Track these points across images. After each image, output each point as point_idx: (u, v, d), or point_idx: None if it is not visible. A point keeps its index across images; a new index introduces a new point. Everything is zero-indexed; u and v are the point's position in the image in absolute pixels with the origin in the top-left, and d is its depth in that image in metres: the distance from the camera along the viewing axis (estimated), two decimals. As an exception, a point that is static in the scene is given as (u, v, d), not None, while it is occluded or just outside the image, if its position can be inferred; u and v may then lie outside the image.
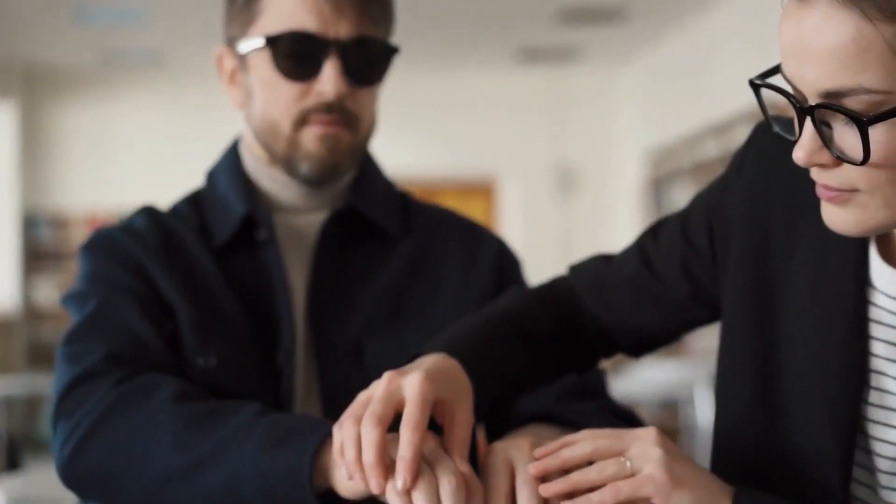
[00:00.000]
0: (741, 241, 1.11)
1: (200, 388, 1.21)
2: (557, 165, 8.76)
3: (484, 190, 8.92)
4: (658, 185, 7.79)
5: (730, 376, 1.12)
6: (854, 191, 0.89)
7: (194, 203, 1.41)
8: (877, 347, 1.00)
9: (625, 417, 1.32)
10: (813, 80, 0.86)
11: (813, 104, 0.87)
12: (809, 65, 0.86)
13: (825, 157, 0.89)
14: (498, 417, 1.29)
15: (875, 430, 1.00)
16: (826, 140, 0.88)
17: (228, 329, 1.30)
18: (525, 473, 1.00)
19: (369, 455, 0.96)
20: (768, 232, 1.09)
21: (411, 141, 8.18)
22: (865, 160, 0.85)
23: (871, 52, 0.82)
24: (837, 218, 0.92)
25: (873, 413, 1.00)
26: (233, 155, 1.43)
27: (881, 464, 1.00)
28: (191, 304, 1.29)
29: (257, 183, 1.40)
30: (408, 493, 0.95)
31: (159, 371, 1.22)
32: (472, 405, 1.05)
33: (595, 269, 1.26)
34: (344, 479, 1.03)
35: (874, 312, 1.00)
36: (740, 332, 1.11)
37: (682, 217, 1.21)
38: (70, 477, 1.17)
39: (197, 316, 1.29)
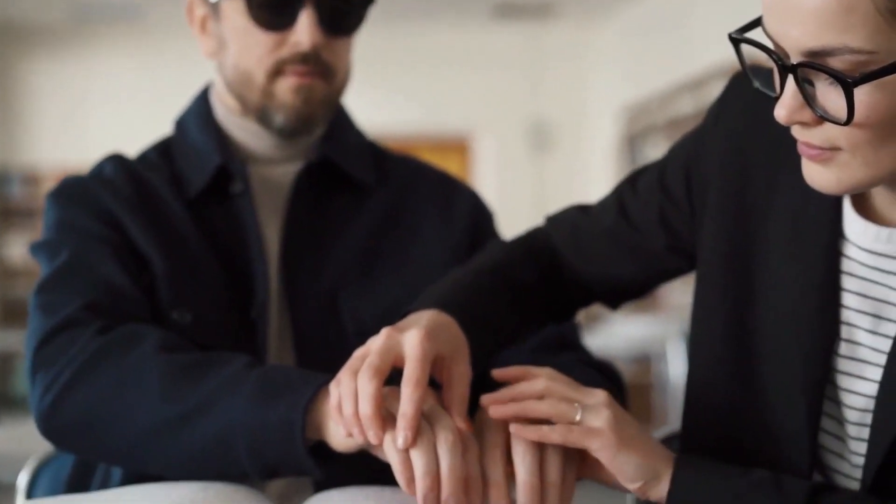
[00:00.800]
0: (718, 193, 1.12)
1: (184, 339, 1.19)
2: (533, 122, 8.73)
3: (459, 146, 8.89)
4: (633, 141, 7.79)
5: (704, 327, 1.13)
6: (835, 149, 0.89)
7: (164, 151, 1.39)
8: (848, 299, 1.01)
9: (603, 370, 1.33)
10: (796, 39, 0.85)
11: (796, 62, 0.86)
12: (793, 23, 0.85)
13: (807, 115, 0.88)
14: (483, 374, 1.30)
15: (844, 382, 1.01)
16: (808, 98, 0.87)
17: (203, 283, 1.29)
18: (493, 413, 1.01)
19: (366, 407, 0.95)
20: (746, 184, 1.09)
21: (387, 98, 8.13)
22: (849, 121, 0.85)
23: (857, 11, 0.81)
24: (819, 176, 0.92)
25: (843, 364, 1.01)
26: (203, 103, 1.41)
27: (850, 415, 1.01)
28: (165, 257, 1.27)
29: (229, 133, 1.38)
30: (406, 449, 0.95)
31: (139, 323, 1.20)
32: (469, 361, 1.05)
33: (572, 220, 1.26)
34: (337, 433, 1.02)
35: (846, 264, 1.01)
36: (715, 282, 1.11)
37: (661, 167, 1.21)
38: (50, 428, 1.15)
39: (171, 269, 1.27)
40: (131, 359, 1.13)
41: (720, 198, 1.11)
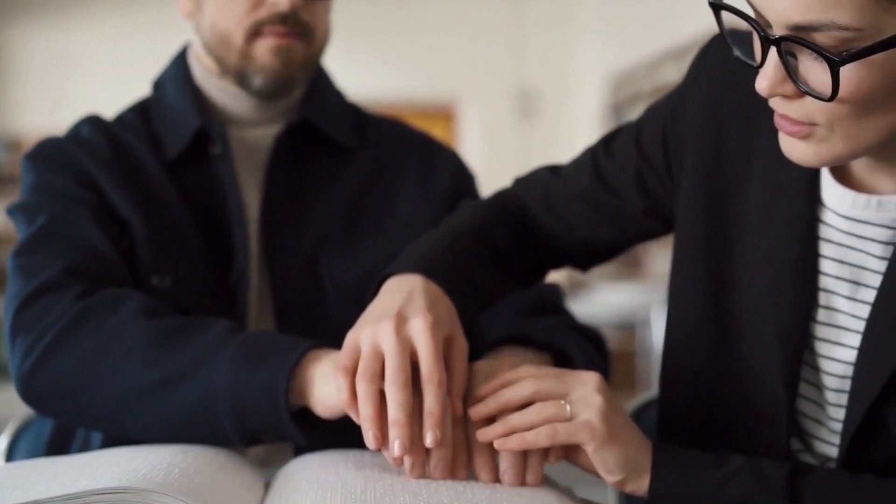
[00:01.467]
0: (696, 154, 1.11)
1: (165, 303, 1.18)
2: (518, 89, 8.70)
3: (444, 114, 8.86)
4: (618, 109, 7.76)
5: (682, 290, 1.13)
6: (814, 125, 0.89)
7: (142, 113, 1.37)
8: (825, 266, 1.01)
9: (587, 334, 1.33)
10: (782, 12, 0.84)
11: (780, 35, 0.85)
12: None
13: (789, 88, 0.87)
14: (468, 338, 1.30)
15: (823, 348, 1.01)
16: (791, 72, 0.86)
17: (183, 247, 1.28)
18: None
19: (401, 415, 0.94)
20: (723, 145, 1.09)
21: (371, 65, 8.09)
22: (833, 97, 0.84)
23: None
24: (797, 150, 0.92)
25: (821, 331, 1.01)
26: (181, 64, 1.39)
27: (828, 381, 1.01)
28: (144, 220, 1.26)
29: (207, 95, 1.36)
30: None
31: (120, 286, 1.19)
32: (464, 335, 1.04)
33: (544, 183, 1.25)
34: (321, 398, 1.02)
35: (823, 231, 1.01)
36: (693, 246, 1.11)
37: (637, 128, 1.20)
38: (30, 391, 1.14)
39: (151, 233, 1.26)
40: (112, 323, 1.12)
41: (697, 160, 1.11)
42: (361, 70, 7.40)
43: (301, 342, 1.05)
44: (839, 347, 1.00)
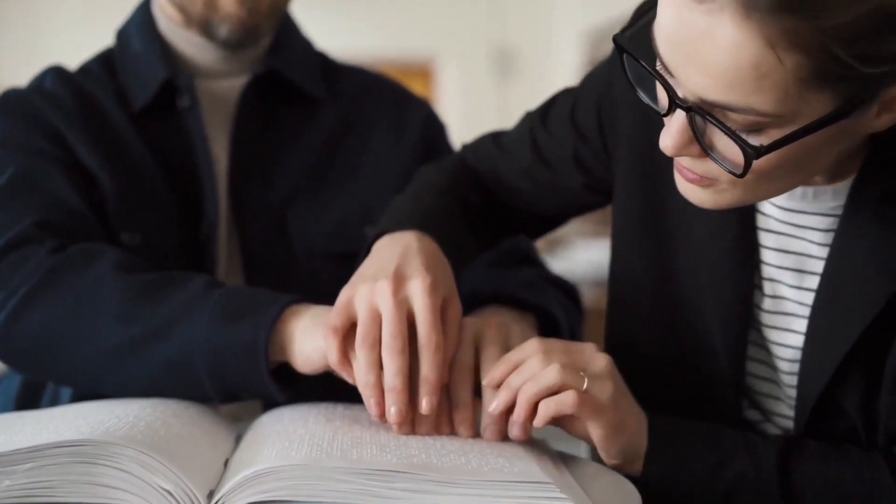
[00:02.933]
0: (628, 131, 1.10)
1: (139, 258, 1.16)
2: (496, 47, 8.66)
3: (422, 73, 8.82)
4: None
5: (625, 272, 1.13)
6: (716, 180, 0.87)
7: (106, 63, 1.34)
8: (767, 256, 1.00)
9: (564, 288, 1.32)
10: (698, 87, 0.80)
11: (691, 105, 0.82)
12: (698, 71, 0.79)
13: (695, 150, 0.85)
14: None
15: (773, 335, 1.02)
16: (699, 136, 0.84)
17: (152, 202, 1.26)
18: (491, 348, 1.00)
19: (397, 381, 0.94)
20: (655, 124, 1.07)
21: (347, 23, 8.02)
22: (743, 175, 0.82)
23: (769, 78, 0.77)
24: (693, 194, 0.90)
25: (770, 319, 1.01)
26: (145, 13, 1.36)
27: (782, 365, 1.02)
28: (112, 174, 1.24)
29: (173, 45, 1.34)
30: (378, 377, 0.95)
31: (92, 241, 1.17)
32: (457, 294, 1.03)
33: (490, 157, 1.24)
34: (302, 354, 1.01)
35: (762, 220, 1.00)
36: (632, 230, 1.10)
37: (572, 102, 1.18)
38: (4, 350, 1.12)
39: (119, 187, 1.24)
40: (88, 279, 1.10)
41: (631, 138, 1.10)
42: (338, 28, 7.34)
43: (280, 297, 1.04)
44: (789, 334, 1.01)
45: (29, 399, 1.27)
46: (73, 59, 1.41)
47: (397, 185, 1.29)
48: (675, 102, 0.83)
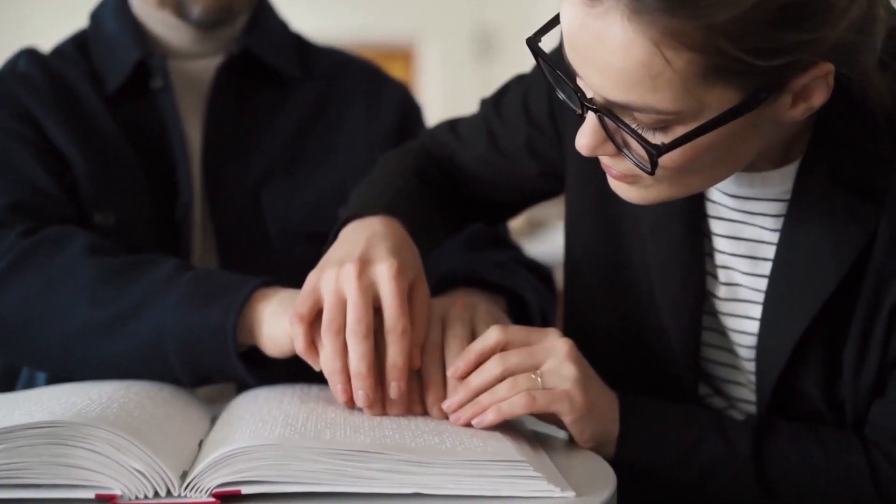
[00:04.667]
0: (577, 118, 1.10)
1: (111, 241, 1.16)
2: (478, 29, 8.64)
3: (403, 55, 8.79)
4: (578, 48, 7.74)
5: (578, 257, 1.13)
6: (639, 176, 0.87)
7: (80, 45, 1.34)
8: (720, 243, 1.00)
9: (537, 271, 1.32)
10: (599, 88, 0.81)
11: (597, 106, 0.82)
12: (596, 73, 0.80)
13: (609, 148, 0.85)
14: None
15: (730, 322, 1.02)
16: (611, 134, 0.84)
17: (125, 183, 1.26)
18: (457, 326, 1.00)
19: (361, 366, 0.93)
20: None
21: (327, 5, 8.00)
22: (653, 173, 0.82)
23: (662, 78, 0.77)
24: (622, 191, 0.90)
25: (726, 307, 1.02)
26: None
27: (742, 352, 1.02)
28: (86, 156, 1.23)
29: (146, 26, 1.33)
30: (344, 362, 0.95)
31: (65, 224, 1.17)
32: (425, 278, 1.03)
33: (447, 144, 1.24)
34: (270, 338, 1.01)
35: (712, 208, 1.00)
36: (583, 216, 1.10)
37: (524, 90, 1.18)
38: None
39: (93, 169, 1.23)
40: (59, 261, 1.09)
41: (578, 124, 1.10)
42: (317, 9, 7.32)
43: (250, 280, 1.04)
44: (746, 321, 1.01)
45: (5, 382, 1.27)
46: (54, 39, 1.40)
47: (371, 165, 1.29)
48: (583, 104, 0.83)
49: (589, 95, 0.83)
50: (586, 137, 0.85)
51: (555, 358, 0.95)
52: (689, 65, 0.76)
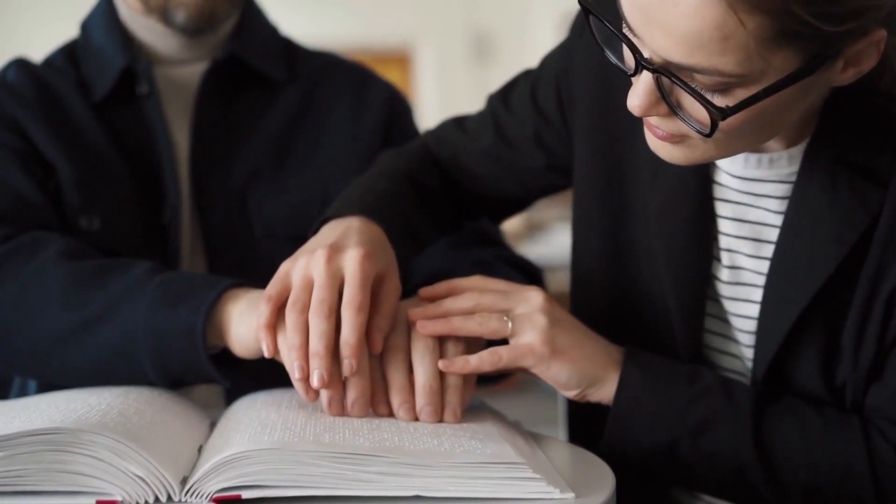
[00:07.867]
0: (586, 109, 1.10)
1: (88, 246, 1.17)
2: (473, 32, 8.65)
3: (399, 58, 8.80)
4: (573, 51, 7.75)
5: (584, 246, 1.13)
6: (687, 136, 0.88)
7: (69, 55, 1.35)
8: (724, 226, 1.01)
9: (524, 268, 1.32)
10: (663, 49, 0.81)
11: (657, 67, 0.83)
12: (662, 34, 0.80)
13: (662, 109, 0.86)
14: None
15: (732, 307, 1.02)
16: (666, 95, 0.84)
17: (112, 188, 1.26)
18: (421, 330, 1.00)
19: (319, 345, 0.93)
20: (611, 100, 1.08)
21: (322, 9, 8.00)
22: (711, 135, 0.83)
23: (732, 40, 0.78)
24: (664, 150, 0.91)
25: (728, 290, 1.02)
26: (107, 3, 1.36)
27: (742, 337, 1.02)
28: (72, 162, 1.25)
29: (134, 34, 1.34)
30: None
31: (46, 231, 1.17)
32: (398, 276, 1.03)
33: (451, 141, 1.25)
34: (237, 337, 1.01)
35: (719, 191, 1.01)
36: (591, 207, 1.11)
37: (532, 82, 1.19)
38: None
39: (78, 174, 1.25)
40: (33, 267, 1.10)
41: (588, 115, 1.10)
42: (313, 15, 7.33)
43: (221, 281, 1.04)
44: (748, 304, 1.01)
45: (-3, 390, 1.27)
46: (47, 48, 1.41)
47: (357, 167, 1.30)
48: (641, 63, 0.84)
49: (646, 55, 0.83)
50: (640, 98, 0.85)
51: (527, 305, 0.98)
52: (760, 28, 0.77)
